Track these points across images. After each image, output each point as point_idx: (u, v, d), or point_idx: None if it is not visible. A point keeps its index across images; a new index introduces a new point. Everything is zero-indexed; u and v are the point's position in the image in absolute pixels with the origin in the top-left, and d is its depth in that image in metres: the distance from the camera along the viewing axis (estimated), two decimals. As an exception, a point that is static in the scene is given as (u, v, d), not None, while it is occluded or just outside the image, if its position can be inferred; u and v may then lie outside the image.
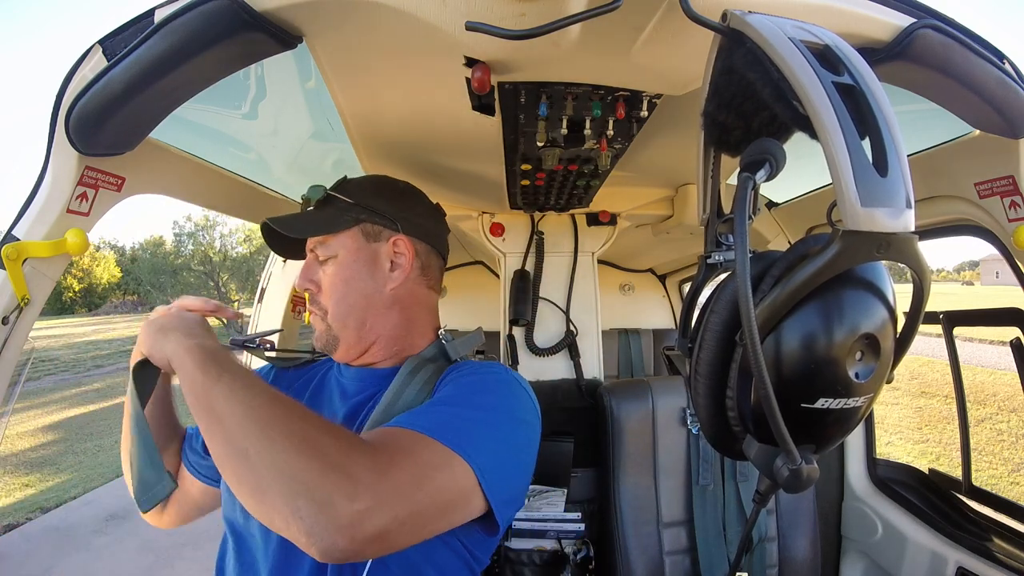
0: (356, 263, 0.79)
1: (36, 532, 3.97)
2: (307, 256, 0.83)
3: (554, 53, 0.65)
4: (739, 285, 0.42)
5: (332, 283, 0.79)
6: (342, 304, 0.79)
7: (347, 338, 0.79)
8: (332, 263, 0.79)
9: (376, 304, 0.80)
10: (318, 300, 0.80)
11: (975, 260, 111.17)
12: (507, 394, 0.72)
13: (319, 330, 0.81)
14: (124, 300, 36.32)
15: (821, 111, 0.40)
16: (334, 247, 0.79)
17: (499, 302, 1.71)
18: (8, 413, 0.81)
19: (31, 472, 5.50)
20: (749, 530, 1.32)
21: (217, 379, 0.58)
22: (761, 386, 0.42)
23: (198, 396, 0.58)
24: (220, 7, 0.58)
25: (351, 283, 0.79)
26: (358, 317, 0.79)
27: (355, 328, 0.79)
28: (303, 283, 0.81)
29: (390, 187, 0.87)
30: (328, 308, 0.79)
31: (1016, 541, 1.10)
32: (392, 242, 0.81)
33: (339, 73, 0.78)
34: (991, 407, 7.50)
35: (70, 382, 10.75)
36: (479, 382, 0.72)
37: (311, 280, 0.81)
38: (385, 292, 0.81)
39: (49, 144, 0.71)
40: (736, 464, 1.39)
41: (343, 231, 0.80)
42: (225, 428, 0.54)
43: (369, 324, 0.80)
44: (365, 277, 0.80)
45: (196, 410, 0.58)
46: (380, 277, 0.81)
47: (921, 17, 0.64)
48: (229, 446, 0.54)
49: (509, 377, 0.75)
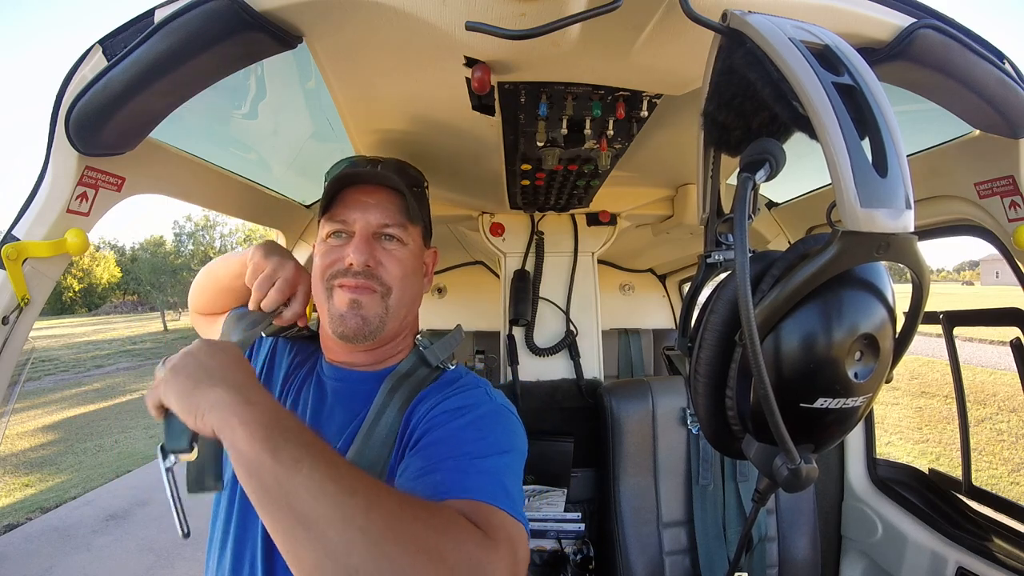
0: (418, 259, 0.80)
1: (36, 532, 3.97)
2: (359, 227, 0.75)
3: (554, 53, 0.65)
4: (739, 285, 0.42)
5: (404, 268, 0.77)
6: (406, 292, 0.78)
7: (392, 328, 0.77)
8: (402, 248, 0.77)
9: (416, 305, 0.83)
10: (379, 276, 0.75)
11: (975, 260, 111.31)
12: (511, 429, 0.71)
13: (371, 312, 0.73)
14: (124, 300, 36.32)
15: (821, 111, 0.40)
16: (409, 235, 0.78)
17: (499, 302, 1.71)
18: (8, 413, 0.81)
19: (31, 472, 5.50)
20: (749, 530, 1.32)
21: (294, 468, 0.45)
22: (760, 386, 0.42)
23: (267, 488, 0.45)
24: (220, 7, 0.58)
25: (415, 277, 0.79)
26: (407, 311, 0.80)
27: (401, 320, 0.79)
28: (367, 258, 0.73)
29: (426, 193, 0.89)
30: (394, 289, 0.76)
31: (1016, 541, 1.10)
32: (430, 251, 0.86)
33: (339, 73, 0.78)
34: (991, 407, 7.50)
35: (70, 382, 10.76)
36: (485, 420, 0.69)
37: (373, 255, 0.75)
38: (420, 296, 0.84)
39: (49, 144, 0.71)
40: (736, 464, 1.39)
41: (419, 225, 0.81)
42: (317, 536, 0.43)
43: (407, 321, 0.81)
44: (419, 277, 0.82)
45: (264, 503, 0.46)
46: (422, 280, 0.84)
47: (921, 17, 0.64)
48: (329, 561, 0.43)
49: (502, 406, 0.74)
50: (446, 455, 0.63)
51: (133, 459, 5.66)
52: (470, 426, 0.67)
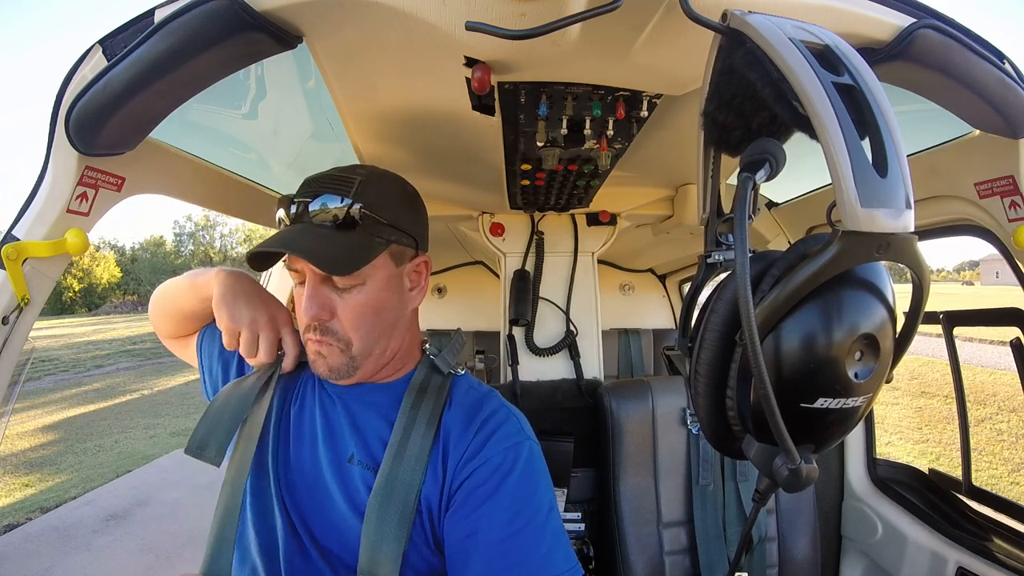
0: (386, 290, 0.72)
1: (36, 532, 3.96)
2: (306, 276, 0.71)
3: (554, 53, 0.65)
4: (739, 285, 0.42)
5: (360, 314, 0.71)
6: (371, 335, 0.72)
7: (368, 366, 0.74)
8: (358, 291, 0.70)
9: (400, 327, 0.77)
10: (333, 330, 0.71)
11: (975, 260, 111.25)
12: (544, 485, 0.71)
13: (336, 362, 0.71)
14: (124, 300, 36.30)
15: (821, 111, 0.40)
16: (362, 275, 0.70)
17: (499, 302, 1.71)
18: (8, 413, 0.80)
19: (31, 472, 5.49)
20: (749, 530, 1.32)
21: None
22: (761, 386, 0.42)
23: None
24: (220, 7, 0.58)
25: (382, 313, 0.72)
26: (384, 344, 0.75)
27: (379, 355, 0.74)
28: (316, 312, 0.69)
29: (408, 196, 0.79)
30: (353, 340, 0.71)
31: (1016, 541, 1.10)
32: (415, 263, 0.77)
33: (339, 73, 0.78)
34: (991, 407, 7.49)
35: (70, 382, 10.75)
36: (523, 488, 0.69)
37: (324, 307, 0.70)
38: (407, 314, 0.78)
39: (49, 144, 0.71)
40: (736, 464, 1.39)
41: (373, 259, 0.69)
42: None
43: (391, 348, 0.76)
44: (395, 303, 0.74)
45: None
46: (404, 299, 0.77)
47: (921, 17, 0.64)
48: None
49: (528, 460, 0.72)
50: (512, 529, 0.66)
51: (133, 459, 5.66)
52: (518, 499, 0.68)
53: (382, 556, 0.64)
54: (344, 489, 0.71)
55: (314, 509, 0.72)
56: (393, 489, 0.67)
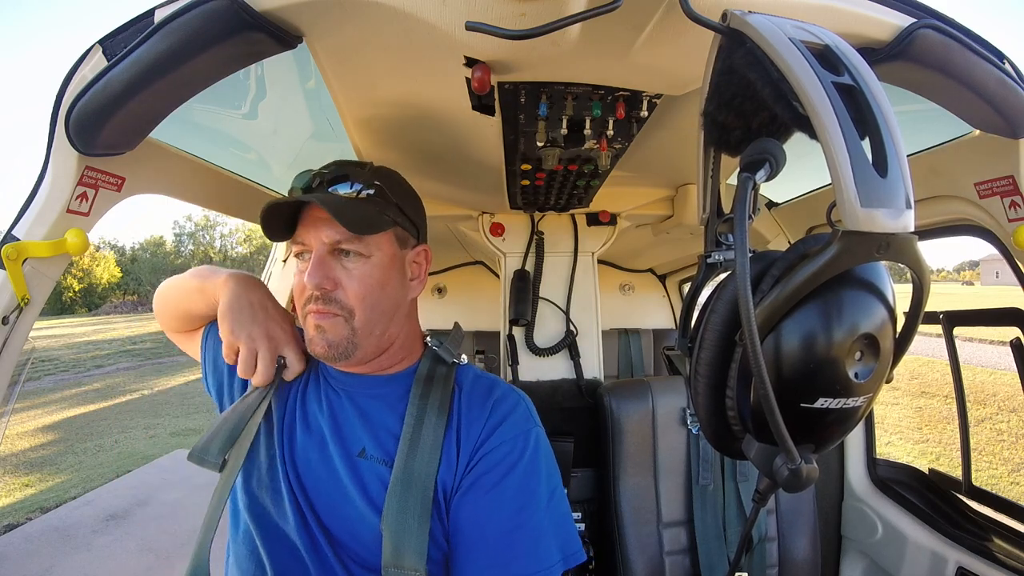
0: (391, 268, 0.75)
1: (36, 532, 3.96)
2: (315, 246, 0.72)
3: (554, 53, 0.65)
4: (739, 285, 0.42)
5: (366, 285, 0.72)
6: (375, 309, 0.73)
7: (368, 347, 0.74)
8: (363, 263, 0.72)
9: (400, 314, 0.78)
10: (338, 299, 0.71)
11: (975, 260, 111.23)
12: (547, 471, 0.75)
13: (337, 335, 0.71)
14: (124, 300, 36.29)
15: (821, 111, 0.40)
16: (370, 246, 0.72)
17: (499, 302, 1.71)
18: (8, 413, 0.81)
19: (31, 472, 5.49)
20: (749, 530, 1.31)
21: None
22: (761, 386, 0.42)
23: None
24: (220, 7, 0.58)
25: (386, 288, 0.74)
26: (384, 325, 0.75)
27: (379, 336, 0.75)
28: (320, 281, 0.70)
29: (411, 189, 0.83)
30: (356, 310, 0.72)
31: (1016, 541, 1.10)
32: (416, 250, 0.80)
33: (339, 73, 0.78)
34: (991, 407, 7.49)
35: (70, 382, 10.75)
36: (529, 478, 0.73)
37: (329, 276, 0.71)
38: (407, 301, 0.80)
39: (49, 144, 0.71)
40: (736, 464, 1.39)
41: (382, 232, 0.73)
42: None
43: (390, 333, 0.77)
44: (397, 285, 0.76)
45: None
46: (406, 285, 0.79)
47: (921, 17, 0.64)
48: None
49: (535, 448, 0.76)
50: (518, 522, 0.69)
51: (133, 459, 5.66)
52: (524, 482, 0.72)
53: (406, 549, 0.65)
54: (358, 484, 0.72)
55: (327, 505, 0.72)
56: (411, 481, 0.68)
